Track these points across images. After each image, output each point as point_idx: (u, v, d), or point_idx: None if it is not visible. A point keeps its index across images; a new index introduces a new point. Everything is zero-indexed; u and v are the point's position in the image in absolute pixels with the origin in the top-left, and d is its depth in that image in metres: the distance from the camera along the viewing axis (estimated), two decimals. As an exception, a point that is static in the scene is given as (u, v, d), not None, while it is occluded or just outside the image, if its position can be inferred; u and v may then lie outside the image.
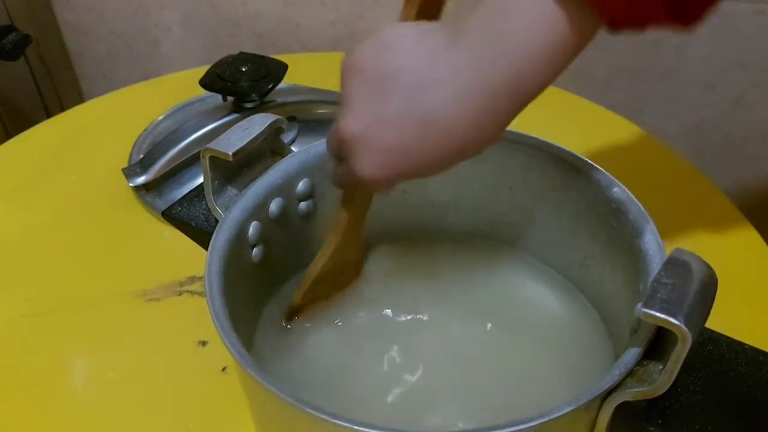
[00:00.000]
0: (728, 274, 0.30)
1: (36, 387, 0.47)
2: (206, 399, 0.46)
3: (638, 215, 0.37)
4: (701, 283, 0.28)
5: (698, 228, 0.58)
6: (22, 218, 0.62)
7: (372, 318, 0.43)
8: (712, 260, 0.33)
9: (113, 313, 0.52)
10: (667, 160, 0.66)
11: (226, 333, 0.31)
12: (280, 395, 0.28)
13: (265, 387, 0.29)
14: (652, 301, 0.27)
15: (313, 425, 0.29)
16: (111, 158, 0.67)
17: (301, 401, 0.28)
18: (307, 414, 0.28)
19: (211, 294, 0.33)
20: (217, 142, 0.38)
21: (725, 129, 0.89)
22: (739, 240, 0.57)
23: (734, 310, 0.35)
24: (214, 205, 0.39)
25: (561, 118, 0.69)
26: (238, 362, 0.30)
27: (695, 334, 0.26)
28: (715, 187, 0.62)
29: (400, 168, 0.32)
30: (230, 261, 0.36)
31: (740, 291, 0.52)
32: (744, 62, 0.82)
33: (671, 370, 0.27)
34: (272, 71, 0.64)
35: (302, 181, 0.42)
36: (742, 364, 0.33)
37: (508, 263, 0.47)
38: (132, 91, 0.80)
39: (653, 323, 0.27)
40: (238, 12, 0.96)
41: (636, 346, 0.30)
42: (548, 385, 0.39)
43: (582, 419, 0.30)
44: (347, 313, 0.44)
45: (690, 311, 0.27)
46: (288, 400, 0.28)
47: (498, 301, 0.45)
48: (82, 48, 1.08)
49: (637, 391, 0.28)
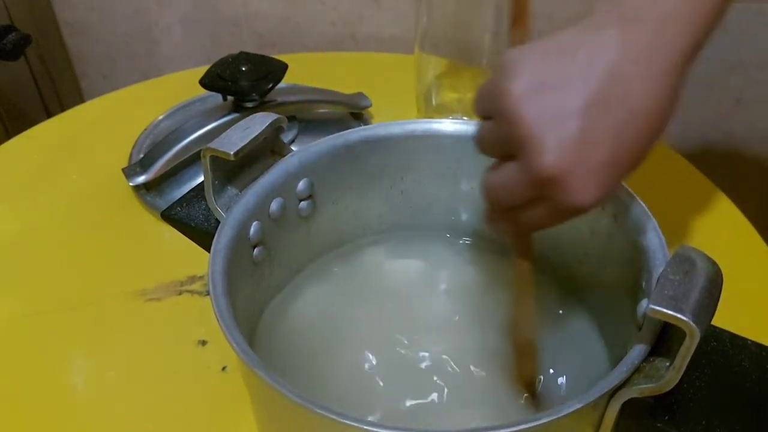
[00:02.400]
0: (728, 274, 0.30)
1: (36, 387, 0.47)
2: (206, 399, 0.46)
3: (640, 213, 0.37)
4: (708, 279, 0.28)
5: (698, 228, 0.58)
6: (22, 218, 0.62)
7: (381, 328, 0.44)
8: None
9: (113, 313, 0.52)
10: (667, 160, 0.66)
11: (231, 332, 0.31)
12: (289, 395, 0.28)
13: (275, 387, 0.28)
14: (659, 297, 0.27)
15: (321, 425, 0.29)
16: (111, 158, 0.67)
17: (310, 401, 0.28)
18: (316, 414, 0.27)
19: (215, 294, 0.33)
20: (218, 141, 0.38)
21: (725, 129, 0.89)
22: (739, 240, 0.57)
23: (735, 310, 0.35)
24: (214, 205, 0.39)
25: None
26: (245, 362, 0.30)
27: (703, 329, 0.26)
28: (715, 187, 0.62)
29: (618, 176, 0.30)
30: (232, 261, 0.36)
31: (740, 291, 0.52)
32: (744, 62, 0.82)
33: (679, 366, 0.28)
34: (272, 71, 0.64)
35: (302, 180, 0.42)
36: (745, 359, 0.33)
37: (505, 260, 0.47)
38: (132, 91, 0.79)
39: (661, 319, 0.27)
40: (238, 12, 0.96)
41: (643, 343, 0.30)
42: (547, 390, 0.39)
43: (589, 416, 0.30)
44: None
45: (697, 307, 0.27)
46: (297, 400, 0.28)
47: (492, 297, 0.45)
48: (82, 48, 1.08)
49: (645, 388, 0.29)
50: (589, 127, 0.29)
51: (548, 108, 0.29)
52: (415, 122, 0.44)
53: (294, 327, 0.43)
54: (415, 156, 0.44)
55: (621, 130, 0.29)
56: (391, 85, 0.75)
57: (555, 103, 0.29)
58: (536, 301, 0.38)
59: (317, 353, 0.42)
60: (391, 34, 0.92)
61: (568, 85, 0.29)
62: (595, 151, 0.29)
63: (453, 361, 0.41)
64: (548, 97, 0.29)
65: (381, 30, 0.92)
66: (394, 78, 0.75)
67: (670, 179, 0.64)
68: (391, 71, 0.79)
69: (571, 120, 0.29)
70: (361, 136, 0.43)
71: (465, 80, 0.69)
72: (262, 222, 0.40)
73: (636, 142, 0.30)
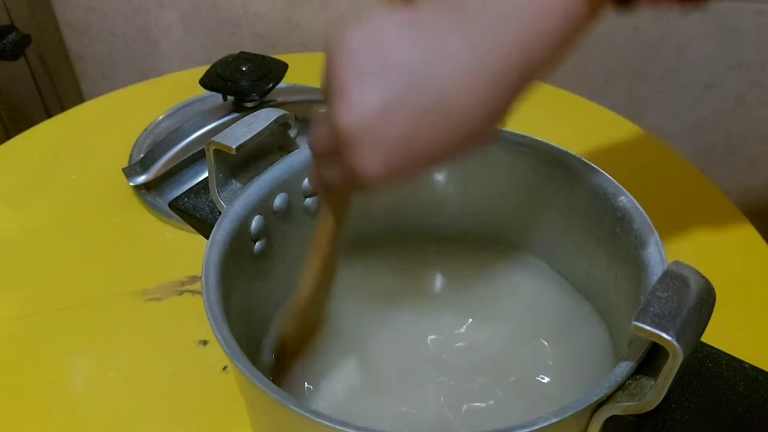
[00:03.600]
0: (728, 275, 0.30)
1: (36, 387, 0.47)
2: (206, 399, 0.46)
3: (643, 225, 0.36)
4: (698, 299, 0.27)
5: (698, 228, 0.58)
6: (22, 218, 0.62)
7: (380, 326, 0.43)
8: (712, 260, 0.33)
9: (113, 313, 0.52)
10: (667, 160, 0.66)
11: (218, 325, 0.31)
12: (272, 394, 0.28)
13: (256, 384, 0.28)
14: (644, 314, 0.26)
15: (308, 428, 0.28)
16: (111, 158, 0.67)
17: (295, 402, 0.27)
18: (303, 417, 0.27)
19: (207, 286, 0.33)
20: (222, 135, 0.38)
21: (725, 129, 0.89)
22: (739, 240, 0.57)
23: (734, 310, 0.35)
24: (218, 198, 0.40)
25: (561, 118, 0.69)
26: (227, 354, 0.30)
27: (687, 350, 0.26)
28: (715, 187, 0.62)
29: (408, 160, 0.29)
30: (230, 254, 0.36)
31: (740, 291, 0.52)
32: (744, 62, 0.82)
33: (661, 386, 0.27)
34: (272, 71, 0.64)
35: (308, 177, 0.42)
36: (740, 383, 0.32)
37: (513, 266, 0.47)
38: (132, 91, 0.80)
39: (645, 337, 0.26)
40: (238, 12, 0.96)
41: (628, 360, 0.29)
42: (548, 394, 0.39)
43: (571, 431, 0.30)
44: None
45: (683, 326, 0.26)
46: (278, 398, 0.28)
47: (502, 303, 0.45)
48: (82, 48, 1.08)
49: (627, 406, 0.28)
50: (395, 100, 0.28)
51: (368, 66, 0.28)
52: None
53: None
54: None
55: (424, 115, 0.28)
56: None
57: (376, 63, 0.28)
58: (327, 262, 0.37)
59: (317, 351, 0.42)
60: (391, 34, 0.92)
61: (398, 54, 0.28)
62: (392, 126, 0.28)
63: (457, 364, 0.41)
64: (374, 57, 0.28)
65: (381, 30, 0.92)
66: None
67: (670, 179, 0.64)
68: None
69: (381, 87, 0.28)
70: None
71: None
72: (264, 216, 0.40)
73: (436, 134, 0.29)
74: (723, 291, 0.30)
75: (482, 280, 0.47)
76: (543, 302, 0.45)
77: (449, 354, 0.42)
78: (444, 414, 0.39)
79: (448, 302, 0.46)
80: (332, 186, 0.34)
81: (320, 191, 0.36)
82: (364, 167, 0.29)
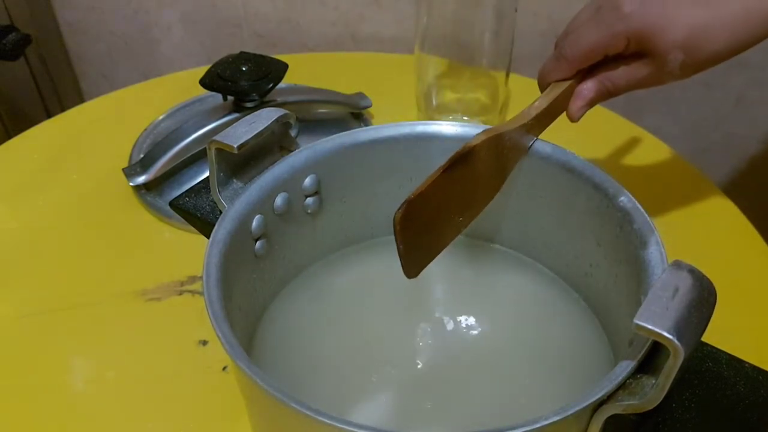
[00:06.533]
0: (728, 274, 0.30)
1: (36, 387, 0.47)
2: (206, 399, 0.46)
3: (643, 225, 0.36)
4: (698, 298, 0.27)
5: (698, 228, 0.58)
6: (22, 218, 0.62)
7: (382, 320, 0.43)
8: (712, 260, 0.33)
9: (113, 313, 0.52)
10: (667, 160, 0.66)
11: (219, 323, 0.31)
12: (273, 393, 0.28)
13: (256, 382, 0.28)
14: (645, 313, 0.26)
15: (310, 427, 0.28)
16: (111, 158, 0.67)
17: (297, 401, 0.27)
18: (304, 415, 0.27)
19: (208, 285, 0.33)
20: (224, 134, 0.38)
21: (725, 129, 0.89)
22: (739, 240, 0.57)
23: (734, 310, 0.35)
24: (218, 197, 0.40)
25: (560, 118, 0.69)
26: (229, 353, 0.30)
27: (688, 349, 0.26)
28: (715, 187, 0.62)
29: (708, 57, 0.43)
30: (231, 253, 0.36)
31: (740, 291, 0.52)
32: (744, 62, 0.82)
33: (662, 384, 0.27)
34: (272, 71, 0.64)
35: (309, 176, 0.42)
36: (740, 383, 0.32)
37: (512, 266, 0.47)
38: (132, 91, 0.80)
39: (646, 336, 0.26)
40: (238, 12, 0.96)
41: (629, 359, 0.29)
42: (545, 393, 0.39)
43: (571, 430, 0.30)
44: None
45: (684, 325, 0.26)
46: (279, 397, 0.28)
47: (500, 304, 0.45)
48: (82, 48, 1.08)
49: (628, 404, 0.28)
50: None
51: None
52: (424, 124, 0.44)
53: (296, 325, 0.43)
54: (424, 158, 0.44)
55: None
56: (391, 85, 0.75)
57: None
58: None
59: (317, 351, 0.42)
60: (392, 35, 0.92)
61: None
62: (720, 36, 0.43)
63: (454, 364, 0.41)
64: None
65: (381, 30, 0.92)
66: (394, 78, 0.75)
67: (670, 179, 0.64)
68: (391, 71, 0.80)
69: None
70: (370, 136, 0.43)
71: (465, 80, 0.69)
72: (265, 216, 0.40)
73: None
74: (723, 291, 0.29)
75: (480, 281, 0.47)
76: (541, 302, 0.45)
77: (445, 353, 0.42)
78: (442, 413, 0.39)
79: (446, 302, 0.46)
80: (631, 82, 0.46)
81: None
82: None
